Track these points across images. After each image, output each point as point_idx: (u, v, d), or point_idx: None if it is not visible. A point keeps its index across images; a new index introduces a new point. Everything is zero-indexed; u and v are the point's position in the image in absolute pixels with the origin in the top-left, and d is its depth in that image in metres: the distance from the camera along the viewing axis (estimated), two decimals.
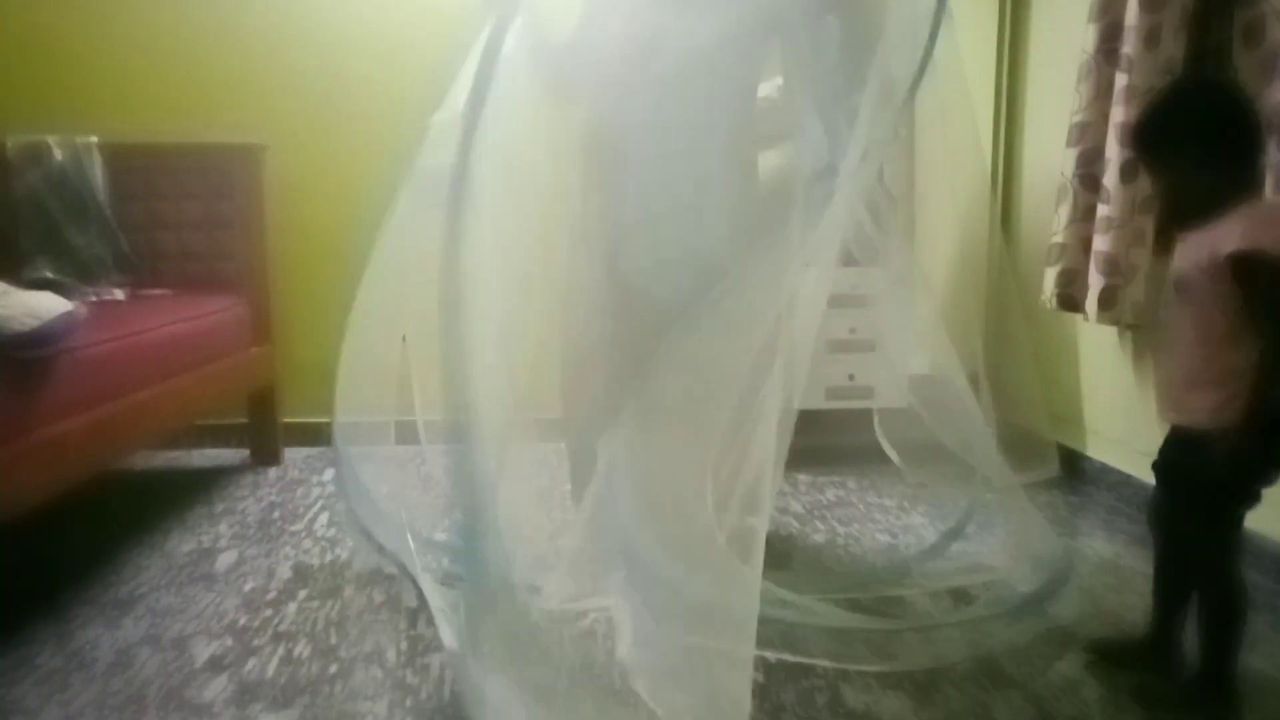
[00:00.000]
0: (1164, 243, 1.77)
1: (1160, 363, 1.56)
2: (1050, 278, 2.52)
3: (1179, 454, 1.55)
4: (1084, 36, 2.39)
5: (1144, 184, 2.23)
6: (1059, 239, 2.50)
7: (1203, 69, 2.21)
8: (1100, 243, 2.31)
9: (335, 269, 2.28)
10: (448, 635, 1.69)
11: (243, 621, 1.90)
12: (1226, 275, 1.37)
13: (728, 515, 1.52)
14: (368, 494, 2.22)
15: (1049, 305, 2.54)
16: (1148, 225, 2.25)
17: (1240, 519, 1.56)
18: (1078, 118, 2.42)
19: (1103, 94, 2.35)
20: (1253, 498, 1.52)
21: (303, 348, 3.13)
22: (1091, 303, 2.34)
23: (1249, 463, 1.44)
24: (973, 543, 2.31)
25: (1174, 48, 2.17)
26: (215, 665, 1.72)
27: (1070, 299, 2.48)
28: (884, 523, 2.50)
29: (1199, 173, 1.44)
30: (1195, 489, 1.52)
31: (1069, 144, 2.44)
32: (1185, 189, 1.48)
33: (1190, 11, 2.16)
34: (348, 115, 3.14)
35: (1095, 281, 2.33)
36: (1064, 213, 2.48)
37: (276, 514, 2.57)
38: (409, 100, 2.64)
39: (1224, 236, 1.38)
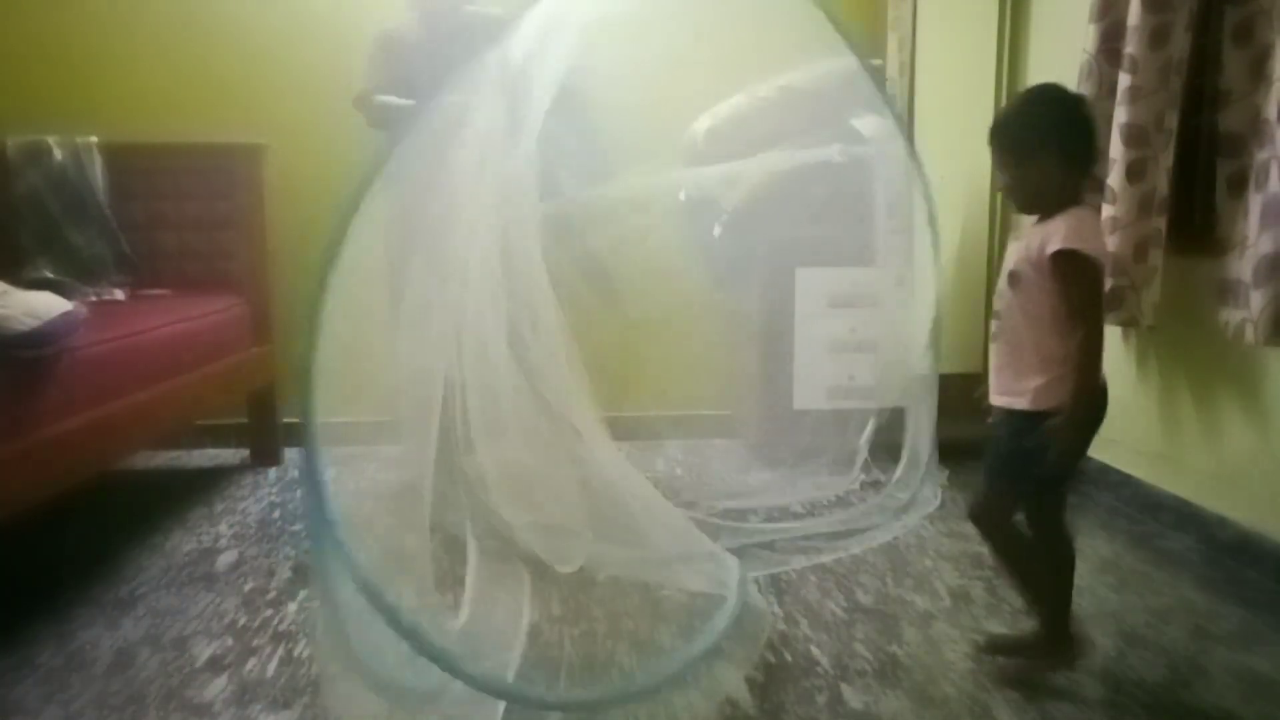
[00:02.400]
0: (1179, 240, 1.97)
1: (993, 350, 1.67)
2: None
3: (1011, 436, 1.61)
4: (1085, 37, 2.39)
5: (1151, 184, 2.23)
6: None
7: (1200, 69, 2.21)
8: (1107, 244, 2.31)
9: None
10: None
11: (243, 621, 1.90)
12: (1050, 270, 1.52)
13: None
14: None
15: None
16: (1161, 225, 2.24)
17: (1065, 487, 1.69)
18: None
19: (1104, 94, 2.35)
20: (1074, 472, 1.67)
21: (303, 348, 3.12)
22: None
23: (1078, 442, 1.56)
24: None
25: (1178, 47, 2.17)
26: (215, 665, 1.72)
27: None
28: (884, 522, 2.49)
29: (1050, 170, 1.55)
30: (1026, 470, 1.57)
31: None
32: (1036, 183, 1.58)
33: (1195, 11, 2.16)
34: (348, 115, 3.14)
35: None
36: None
37: (276, 514, 2.57)
38: None
39: (1050, 235, 1.52)
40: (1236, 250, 2.03)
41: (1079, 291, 1.50)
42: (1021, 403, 1.57)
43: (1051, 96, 1.64)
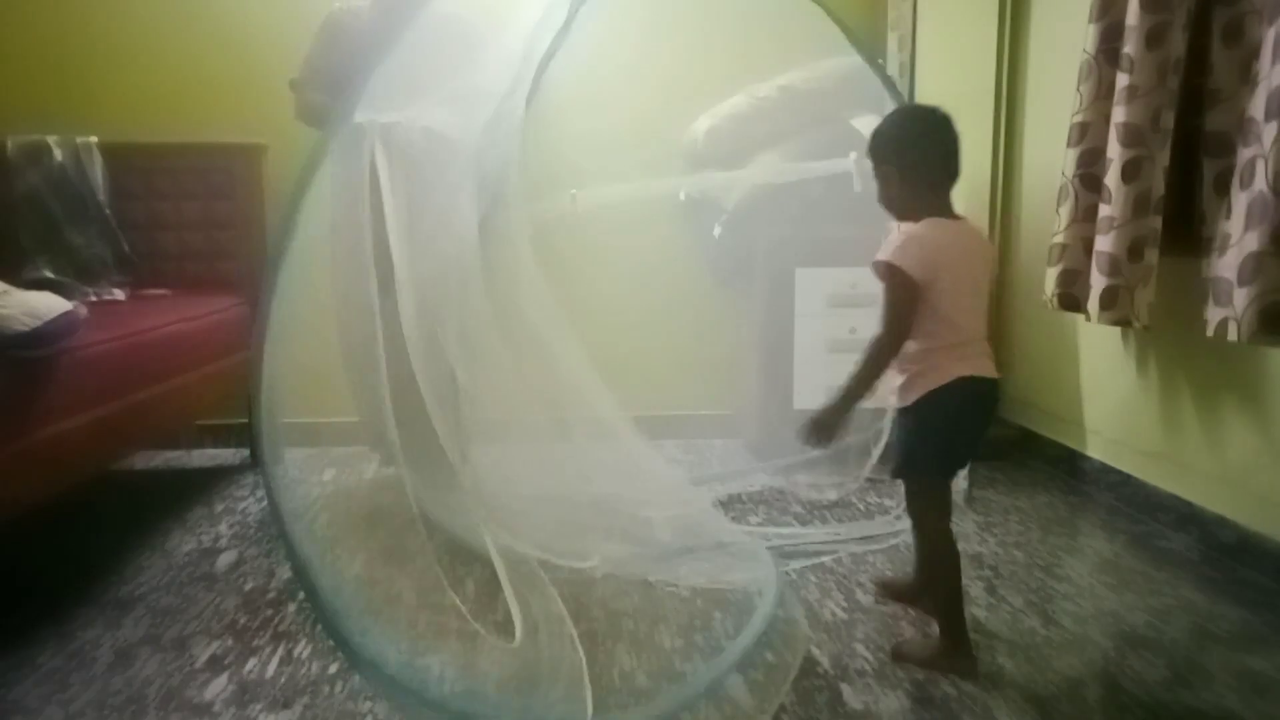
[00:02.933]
0: (1179, 240, 2.03)
1: None
2: (1051, 278, 2.52)
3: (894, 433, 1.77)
4: (1085, 37, 2.39)
5: (1146, 184, 2.23)
6: (1060, 239, 2.49)
7: (1200, 69, 2.21)
8: (1102, 243, 2.31)
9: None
10: None
11: (243, 621, 1.90)
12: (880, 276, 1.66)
13: None
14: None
15: (1050, 305, 2.53)
16: (1157, 225, 2.24)
17: (932, 484, 1.75)
18: (1078, 118, 2.42)
19: (1103, 94, 2.35)
20: (932, 469, 1.74)
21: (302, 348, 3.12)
22: (1093, 303, 2.34)
23: (906, 437, 1.73)
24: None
25: (1175, 47, 2.17)
26: (215, 665, 1.72)
27: (1071, 299, 2.48)
28: (884, 523, 2.49)
29: (896, 181, 1.71)
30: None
31: (1070, 144, 2.44)
32: (886, 193, 1.74)
33: (1192, 12, 2.16)
34: None
35: (1097, 282, 2.33)
36: (1065, 213, 2.47)
37: None
38: None
39: (884, 245, 1.66)
40: (1218, 249, 2.03)
41: (884, 298, 1.65)
42: (893, 401, 1.75)
43: (906, 114, 1.82)
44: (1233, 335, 1.93)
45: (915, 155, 1.69)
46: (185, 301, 2.70)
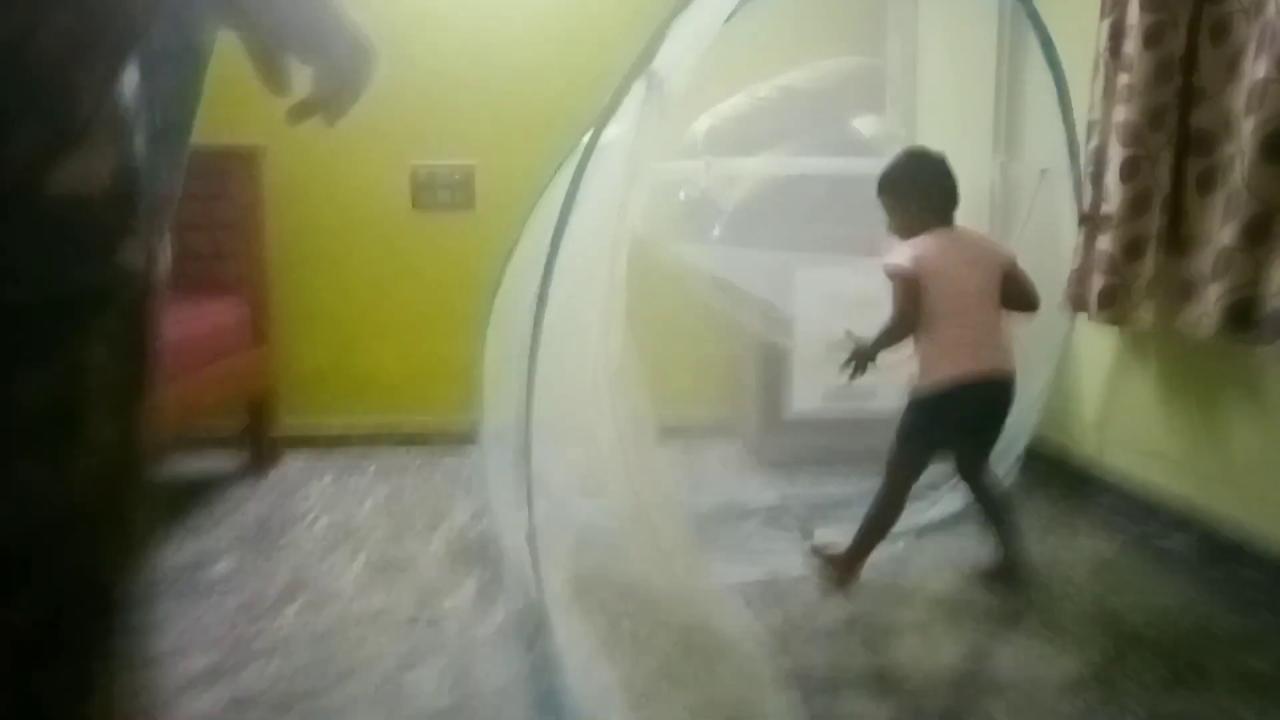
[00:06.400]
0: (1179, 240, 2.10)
1: None
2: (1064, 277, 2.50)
3: None
4: (1098, 34, 2.38)
5: (1145, 183, 2.22)
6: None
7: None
8: (1102, 242, 2.30)
9: (335, 270, 2.26)
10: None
11: (238, 630, 1.89)
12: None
13: None
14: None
15: (1062, 305, 2.52)
16: (1158, 225, 2.23)
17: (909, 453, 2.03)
18: (1092, 115, 2.41)
19: (1110, 92, 2.34)
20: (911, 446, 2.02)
21: (301, 351, 3.13)
22: (1093, 302, 2.34)
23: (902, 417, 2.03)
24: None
25: (1175, 47, 2.16)
26: (211, 674, 1.71)
27: (1082, 299, 2.46)
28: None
29: (911, 211, 2.01)
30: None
31: (1086, 142, 2.43)
32: (901, 221, 2.05)
33: (1191, 11, 2.16)
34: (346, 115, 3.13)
35: (1096, 281, 2.32)
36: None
37: (273, 520, 2.56)
38: (405, 99, 2.62)
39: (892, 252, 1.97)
40: (1199, 247, 2.03)
41: (893, 293, 1.94)
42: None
43: (910, 158, 2.11)
44: (1202, 330, 1.93)
45: (918, 194, 2.02)
46: (184, 303, 2.69)
